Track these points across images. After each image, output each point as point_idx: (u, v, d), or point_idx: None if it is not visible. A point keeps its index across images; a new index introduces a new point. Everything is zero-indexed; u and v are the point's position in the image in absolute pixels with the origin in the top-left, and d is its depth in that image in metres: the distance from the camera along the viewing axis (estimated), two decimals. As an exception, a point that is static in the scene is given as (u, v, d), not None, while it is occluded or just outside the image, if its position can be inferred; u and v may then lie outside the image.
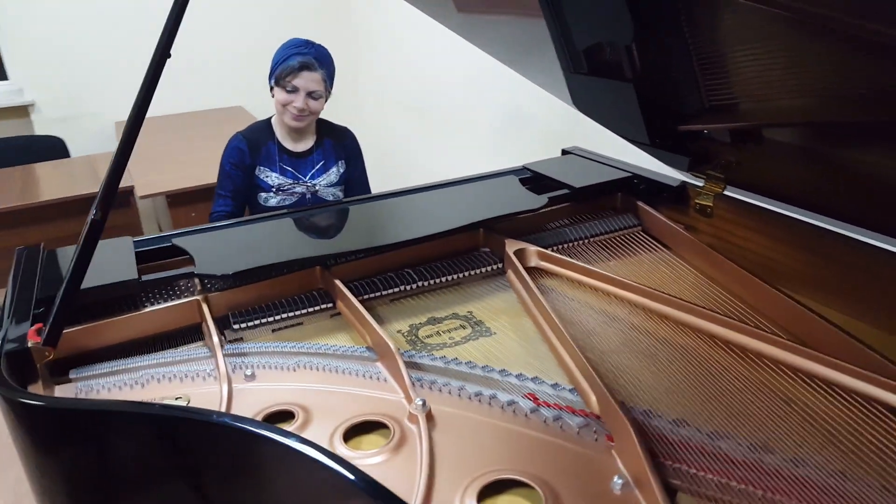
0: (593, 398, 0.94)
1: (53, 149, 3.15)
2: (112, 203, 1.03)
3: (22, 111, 3.38)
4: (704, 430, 0.89)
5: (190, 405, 0.99)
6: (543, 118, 2.55)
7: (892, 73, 0.86)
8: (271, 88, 1.86)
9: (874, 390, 0.90)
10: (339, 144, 2.00)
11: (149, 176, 2.67)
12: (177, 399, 0.99)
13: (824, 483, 0.79)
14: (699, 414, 0.92)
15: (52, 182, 2.70)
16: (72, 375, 1.13)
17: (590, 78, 1.48)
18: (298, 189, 1.94)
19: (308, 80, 1.81)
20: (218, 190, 1.96)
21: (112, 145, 3.29)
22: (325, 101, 1.89)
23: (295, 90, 1.81)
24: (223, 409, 0.99)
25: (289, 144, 1.94)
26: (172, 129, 3.41)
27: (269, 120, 1.97)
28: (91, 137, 3.42)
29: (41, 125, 3.40)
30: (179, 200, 2.54)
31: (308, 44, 1.83)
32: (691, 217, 1.49)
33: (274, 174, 1.91)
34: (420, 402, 0.95)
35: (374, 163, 3.98)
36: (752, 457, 0.83)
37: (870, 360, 0.95)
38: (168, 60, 1.06)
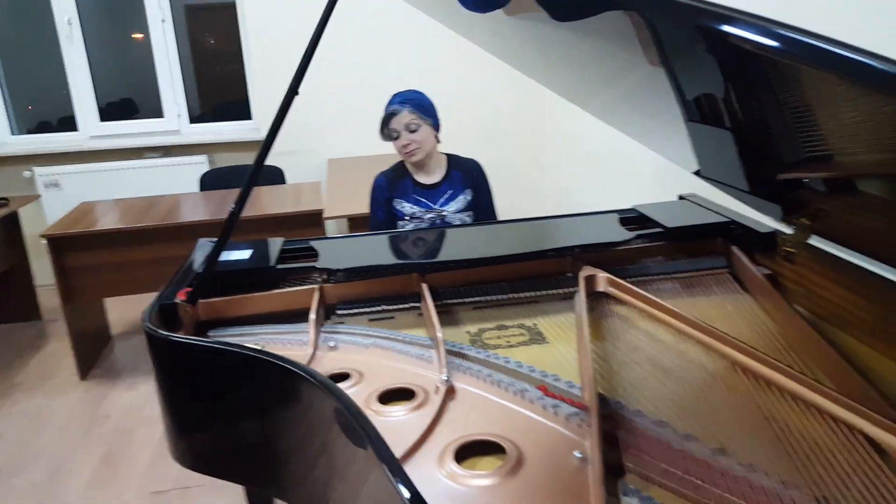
0: (588, 393, 1.06)
1: (274, 176, 3.78)
2: (245, 202, 1.36)
3: (256, 145, 4.09)
4: (679, 432, 0.97)
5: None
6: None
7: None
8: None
9: (856, 420, 0.93)
10: (466, 175, 2.27)
11: (336, 203, 3.13)
12: (255, 344, 1.28)
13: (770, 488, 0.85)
14: (682, 419, 1.00)
15: (262, 202, 3.27)
16: (209, 333, 1.47)
17: (700, 127, 1.58)
18: (429, 216, 2.23)
19: (398, 121, 2.15)
20: (371, 220, 2.35)
21: (322, 177, 3.85)
22: (436, 130, 2.18)
23: (397, 134, 2.13)
24: (305, 367, 1.26)
25: (421, 178, 2.26)
26: (363, 167, 3.89)
27: (403, 160, 2.31)
28: (305, 169, 4.03)
29: (269, 157, 4.06)
30: (357, 223, 2.95)
31: (394, 96, 2.20)
32: (778, 263, 1.50)
33: (408, 204, 2.23)
34: (444, 378, 1.14)
35: (552, 202, 4.21)
36: (710, 457, 0.91)
37: (869, 398, 0.97)
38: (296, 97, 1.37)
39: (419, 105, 2.21)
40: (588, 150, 3.77)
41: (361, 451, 0.90)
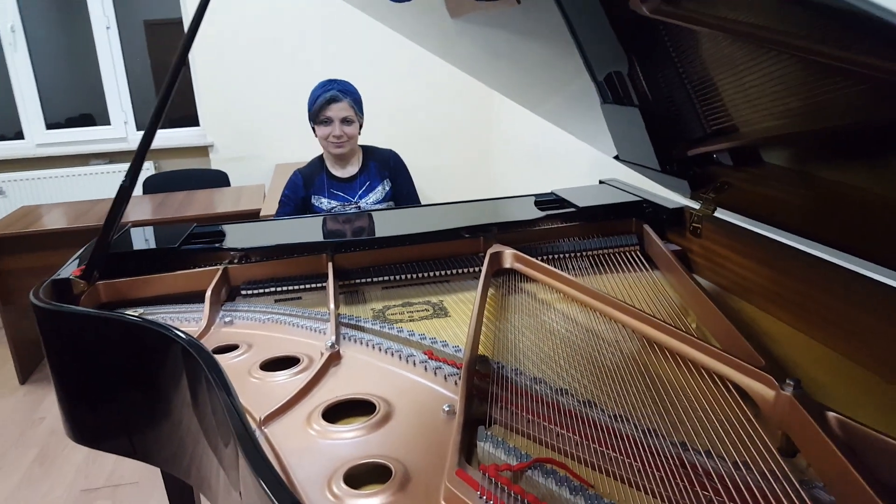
0: (466, 353, 1.04)
1: (219, 180, 3.74)
2: (137, 175, 1.33)
3: (203, 151, 4.07)
4: (554, 387, 0.95)
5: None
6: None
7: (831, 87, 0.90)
8: (313, 129, 2.18)
9: (728, 371, 0.92)
10: (383, 165, 2.25)
11: (275, 202, 3.10)
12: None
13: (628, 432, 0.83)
14: (560, 376, 0.99)
15: (202, 202, 3.23)
16: (112, 313, 1.42)
17: (613, 108, 1.58)
18: (348, 210, 2.21)
19: (337, 109, 2.10)
20: (275, 215, 2.35)
21: (267, 182, 3.82)
22: (360, 126, 2.15)
23: (329, 121, 2.11)
24: (196, 342, 1.22)
25: (337, 172, 2.24)
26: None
27: (320, 156, 2.30)
28: (250, 174, 4.00)
29: (216, 162, 4.05)
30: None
31: (330, 81, 2.16)
32: (687, 238, 1.50)
33: (325, 199, 2.21)
34: (329, 344, 1.11)
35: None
36: (578, 408, 0.89)
37: (743, 350, 0.96)
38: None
39: (357, 100, 2.21)
40: (531, 147, 3.79)
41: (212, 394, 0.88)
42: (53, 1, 4.60)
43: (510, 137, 4.13)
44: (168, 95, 1.35)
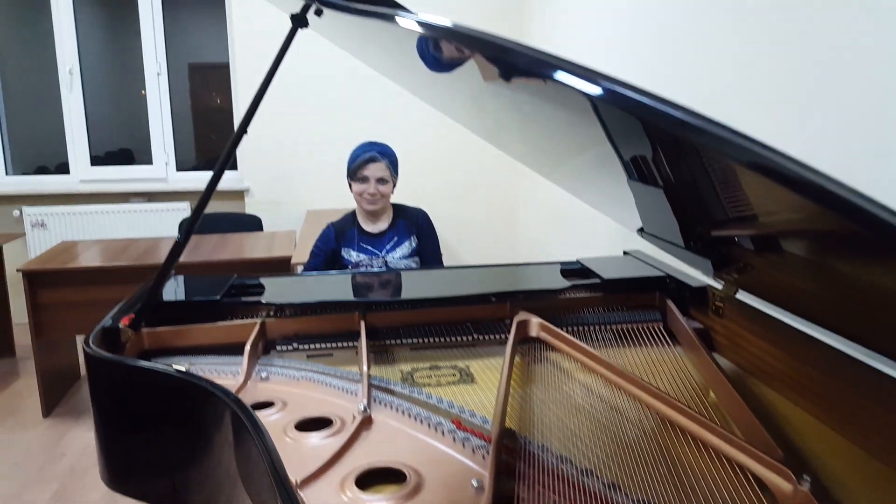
0: (493, 426, 1.08)
1: (253, 224, 3.84)
2: (192, 232, 1.41)
3: (239, 195, 4.19)
4: (579, 467, 0.99)
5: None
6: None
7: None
8: (350, 185, 2.30)
9: (748, 461, 0.95)
10: (411, 222, 2.36)
11: (306, 249, 3.18)
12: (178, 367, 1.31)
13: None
14: (585, 455, 1.03)
15: (235, 247, 3.33)
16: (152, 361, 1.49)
17: (639, 185, 1.64)
18: (375, 264, 2.30)
19: (375, 169, 2.24)
20: (306, 265, 2.47)
21: (298, 228, 3.92)
22: (393, 186, 2.27)
23: (366, 179, 2.24)
24: (234, 396, 1.28)
25: (368, 227, 2.36)
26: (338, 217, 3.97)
27: (353, 211, 2.44)
28: (283, 219, 4.10)
29: (251, 206, 4.17)
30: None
31: (371, 143, 2.30)
32: (709, 317, 1.55)
33: (354, 252, 2.32)
34: (361, 408, 1.16)
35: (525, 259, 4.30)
36: (602, 490, 0.93)
37: (761, 440, 1.00)
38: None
39: (394, 162, 2.34)
40: (557, 207, 3.87)
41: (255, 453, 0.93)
42: (110, 46, 4.84)
43: (536, 194, 4.21)
44: (234, 148, 1.44)
